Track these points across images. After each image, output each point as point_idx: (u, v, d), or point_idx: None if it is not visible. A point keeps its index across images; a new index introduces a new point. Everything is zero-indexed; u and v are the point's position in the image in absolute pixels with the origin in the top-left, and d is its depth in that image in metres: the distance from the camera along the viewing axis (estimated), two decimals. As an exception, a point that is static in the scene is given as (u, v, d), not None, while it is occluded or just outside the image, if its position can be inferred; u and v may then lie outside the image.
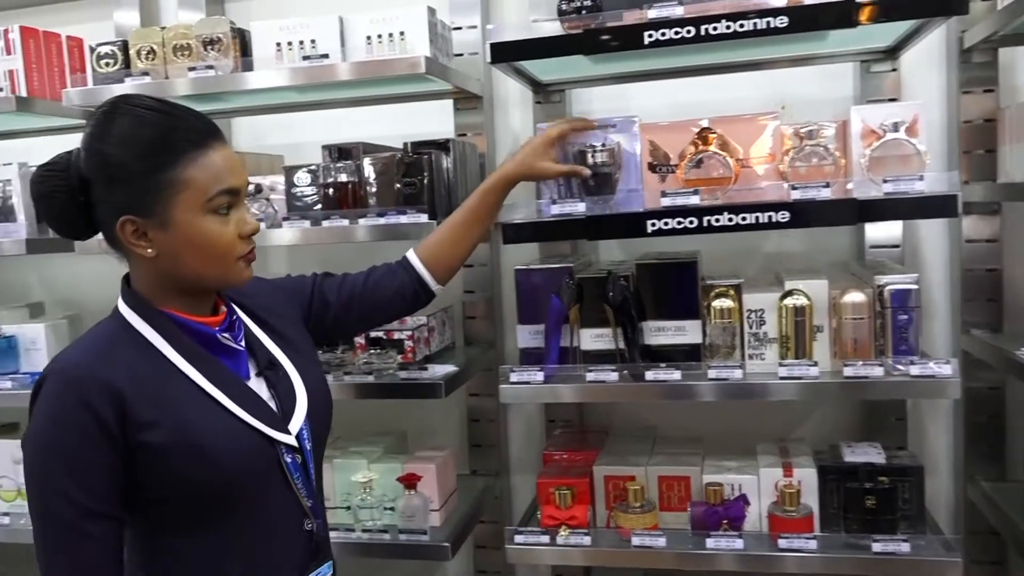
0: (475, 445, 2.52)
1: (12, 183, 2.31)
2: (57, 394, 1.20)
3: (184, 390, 1.26)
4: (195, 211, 1.24)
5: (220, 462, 1.25)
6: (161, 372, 1.26)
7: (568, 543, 1.95)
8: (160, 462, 1.22)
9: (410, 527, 2.06)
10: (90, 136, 1.25)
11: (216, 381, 1.28)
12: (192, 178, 1.23)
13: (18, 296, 2.90)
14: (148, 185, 1.22)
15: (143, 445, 1.21)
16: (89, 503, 1.19)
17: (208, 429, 1.25)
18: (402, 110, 2.54)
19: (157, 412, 1.22)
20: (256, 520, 1.31)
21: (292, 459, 1.33)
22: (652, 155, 1.97)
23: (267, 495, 1.31)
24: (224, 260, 1.28)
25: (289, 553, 1.35)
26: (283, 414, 1.36)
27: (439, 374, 2.06)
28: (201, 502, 1.26)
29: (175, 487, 1.24)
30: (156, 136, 1.23)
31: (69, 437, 1.19)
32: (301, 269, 2.70)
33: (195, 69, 2.14)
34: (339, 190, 2.10)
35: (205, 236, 1.25)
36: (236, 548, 1.30)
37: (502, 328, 2.53)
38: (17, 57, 2.32)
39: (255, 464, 1.29)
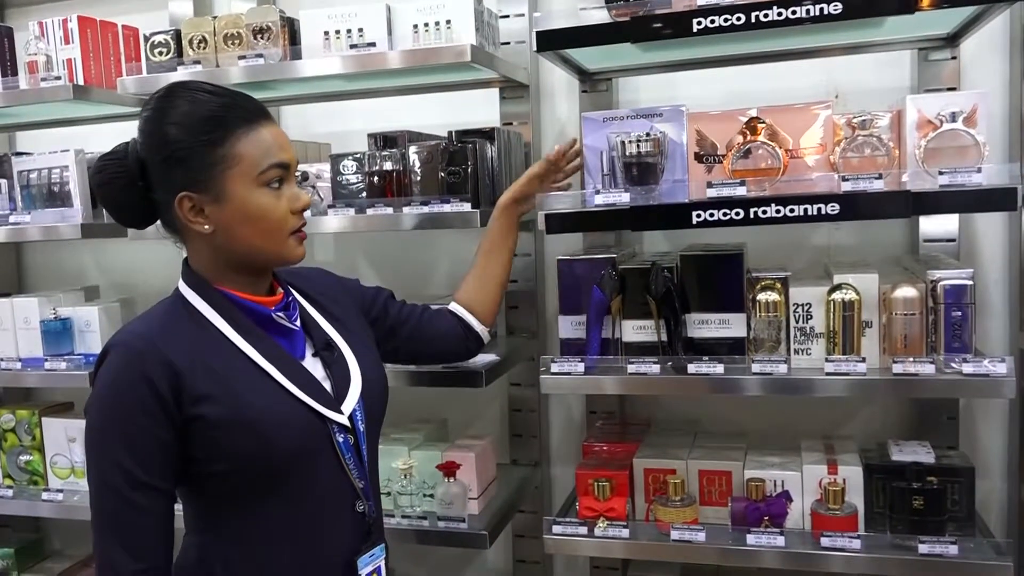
0: (516, 435, 2.53)
1: (69, 169, 2.37)
2: (117, 366, 1.25)
3: (239, 366, 1.30)
4: (248, 184, 1.28)
5: (271, 437, 1.28)
6: (217, 348, 1.30)
7: (606, 535, 1.94)
8: (213, 436, 1.25)
9: (448, 514, 2.07)
10: (147, 119, 1.31)
11: (270, 358, 1.32)
12: (244, 153, 1.28)
13: (74, 279, 2.98)
14: (203, 161, 1.27)
15: (197, 418, 1.25)
16: (140, 474, 1.23)
17: (261, 404, 1.28)
18: (448, 99, 2.55)
19: (212, 386, 1.26)
20: (307, 498, 1.33)
21: (344, 438, 1.35)
22: (699, 145, 1.94)
23: (318, 473, 1.33)
24: (277, 234, 1.32)
25: (340, 533, 1.36)
26: (337, 394, 1.38)
27: (480, 363, 2.06)
28: (253, 477, 1.29)
29: (228, 461, 1.27)
30: (209, 115, 1.28)
31: (126, 408, 1.23)
32: (347, 256, 2.75)
33: (245, 58, 2.17)
34: (384, 178, 2.11)
35: (258, 208, 1.29)
36: (288, 525, 1.32)
37: (544, 318, 2.52)
38: (75, 46, 2.38)
39: (306, 441, 1.31)
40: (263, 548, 1.32)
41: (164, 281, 2.84)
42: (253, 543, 1.32)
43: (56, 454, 2.48)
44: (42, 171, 2.41)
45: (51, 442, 2.48)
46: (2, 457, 2.52)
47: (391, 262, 2.69)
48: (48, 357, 2.38)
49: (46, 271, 3.07)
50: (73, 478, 2.46)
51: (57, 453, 2.48)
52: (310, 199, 1.37)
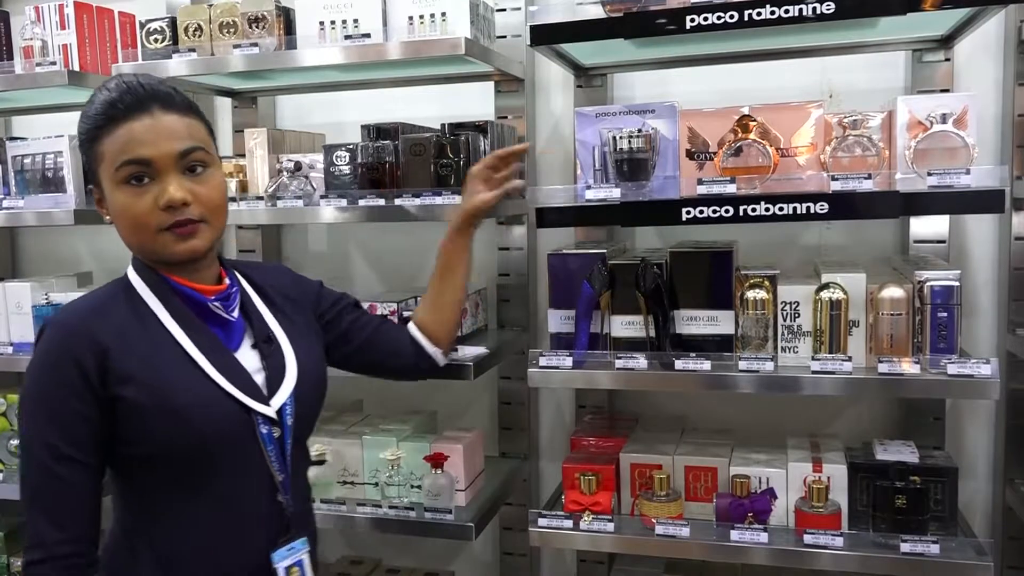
0: (505, 428, 2.54)
1: (63, 155, 2.37)
2: (50, 343, 1.29)
3: (167, 352, 1.32)
4: (110, 182, 1.30)
5: (192, 423, 1.29)
6: (149, 331, 1.32)
7: (591, 529, 1.95)
8: (135, 417, 1.28)
9: (435, 506, 2.08)
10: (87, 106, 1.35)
11: (200, 346, 1.34)
12: (107, 151, 1.29)
13: (68, 266, 2.99)
14: (88, 156, 1.33)
15: (120, 398, 1.27)
16: (64, 447, 1.26)
17: (184, 390, 1.30)
18: (443, 91, 2.55)
19: (138, 369, 1.29)
20: (227, 487, 1.35)
21: (268, 431, 1.37)
22: (691, 142, 1.94)
23: (239, 464, 1.35)
24: (142, 231, 1.31)
25: (258, 524, 1.38)
26: (270, 387, 1.40)
27: (469, 355, 2.07)
28: (175, 462, 1.31)
29: (149, 444, 1.30)
30: (94, 112, 1.31)
31: (53, 383, 1.27)
32: (340, 247, 2.76)
33: (240, 47, 2.17)
34: (376, 170, 2.11)
35: (119, 207, 1.31)
36: (206, 513, 1.35)
37: (535, 312, 2.52)
38: (71, 32, 2.38)
39: (228, 430, 1.33)
40: (183, 534, 1.34)
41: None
42: (173, 528, 1.34)
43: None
44: (36, 156, 2.41)
45: (41, 427, 2.48)
46: (-8, 441, 2.53)
47: (383, 253, 2.70)
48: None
49: (40, 256, 3.07)
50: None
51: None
52: (179, 197, 1.29)
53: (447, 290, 1.79)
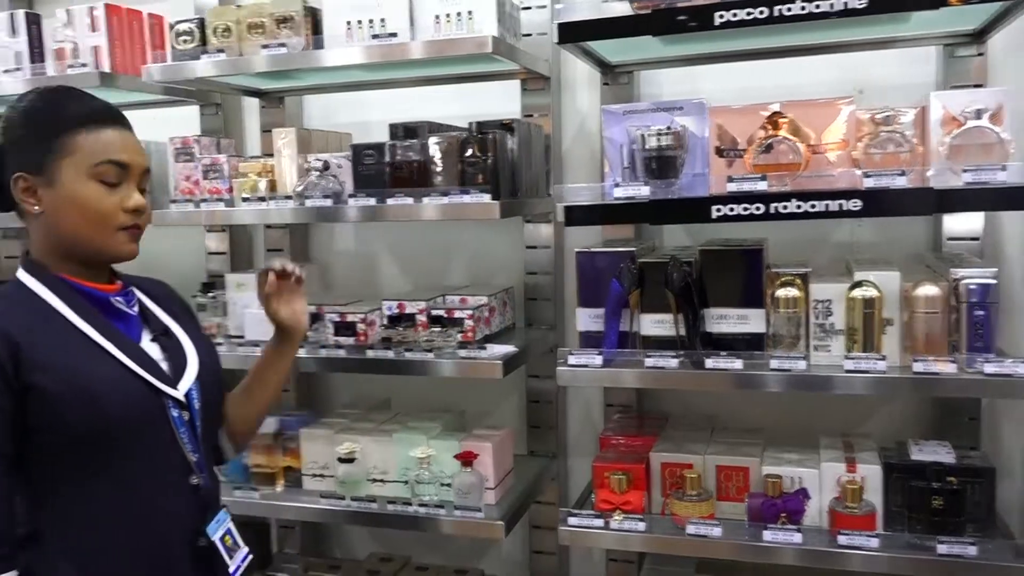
0: (533, 426, 2.53)
1: (94, 156, 2.39)
2: None
3: (76, 342, 1.35)
4: (79, 175, 1.36)
5: (106, 407, 1.33)
6: (55, 326, 1.35)
7: (622, 528, 1.94)
8: (49, 405, 1.30)
9: (465, 504, 2.08)
10: (11, 109, 1.41)
11: (107, 335, 1.38)
12: (82, 146, 1.36)
13: (99, 265, 3.02)
14: (45, 146, 1.36)
15: (34, 387, 1.29)
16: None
17: (96, 375, 1.34)
18: (469, 90, 2.55)
19: (49, 358, 1.31)
20: (140, 472, 1.37)
21: (179, 414, 1.42)
22: (720, 139, 1.93)
23: (152, 446, 1.39)
24: (102, 226, 1.37)
25: (177, 508, 1.41)
26: (174, 374, 1.44)
27: (498, 354, 2.07)
28: (87, 449, 1.33)
29: (63, 432, 1.31)
30: (54, 107, 1.39)
31: None
32: (367, 246, 2.77)
33: (268, 47, 2.18)
34: (404, 168, 2.11)
35: (85, 198, 1.36)
36: (122, 500, 1.36)
37: (563, 310, 2.52)
38: (101, 34, 2.40)
39: (141, 412, 1.37)
40: (98, 526, 1.35)
41: (184, 268, 2.89)
42: (88, 521, 1.35)
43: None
44: (68, 158, 2.43)
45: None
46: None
47: (410, 252, 2.71)
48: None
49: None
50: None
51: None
52: (144, 204, 1.40)
53: (261, 391, 1.67)
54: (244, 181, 2.27)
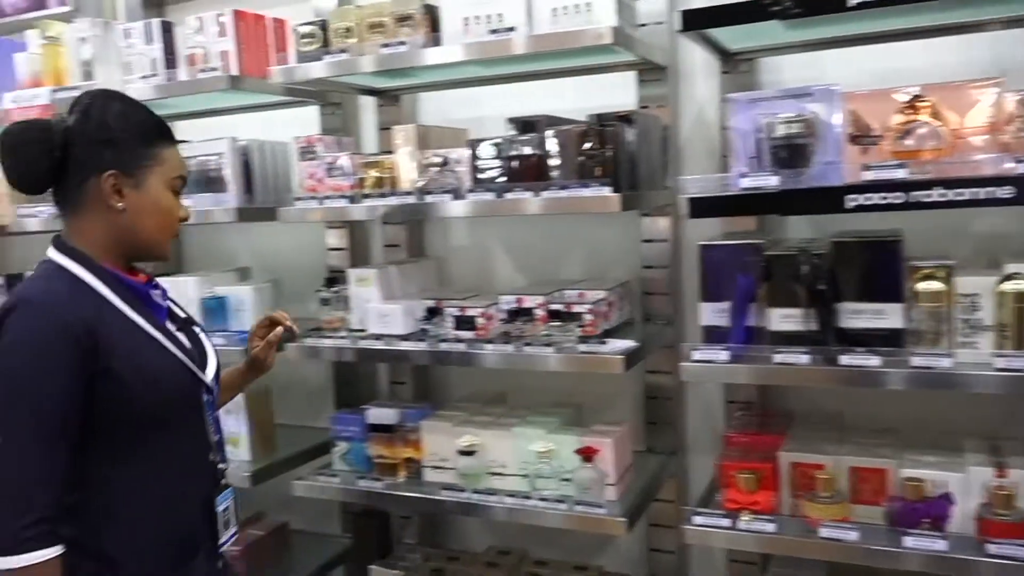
0: (650, 422, 2.50)
1: (224, 156, 2.50)
2: (38, 322, 1.40)
3: (130, 328, 1.48)
4: (162, 184, 1.54)
5: (165, 391, 1.49)
6: (111, 313, 1.47)
7: (750, 528, 1.89)
8: (118, 388, 1.43)
9: (586, 499, 2.07)
10: (90, 105, 1.50)
11: (152, 324, 1.52)
12: (168, 159, 1.55)
13: (226, 261, 3.15)
14: (138, 151, 1.51)
15: (107, 371, 1.42)
16: (55, 417, 1.38)
17: (154, 361, 1.49)
18: (583, 83, 2.52)
19: (116, 344, 1.44)
20: (176, 450, 1.53)
21: (208, 398, 1.59)
22: (853, 125, 1.84)
23: (187, 428, 1.56)
24: (168, 230, 1.57)
25: (198, 480, 1.58)
26: (200, 363, 1.60)
27: (619, 349, 2.04)
28: (137, 429, 1.47)
29: (125, 412, 1.45)
30: (147, 119, 1.54)
31: (51, 361, 1.38)
32: (481, 241, 2.79)
33: (388, 45, 2.22)
34: (523, 163, 2.11)
35: (165, 206, 1.55)
36: (158, 476, 1.51)
37: (681, 304, 2.47)
38: (230, 39, 2.49)
39: (186, 396, 1.54)
40: (136, 499, 1.48)
41: (307, 261, 2.98)
42: (127, 494, 1.48)
43: (212, 426, 2.63)
44: (199, 158, 2.54)
45: (208, 414, 2.63)
46: (164, 427, 2.70)
47: (524, 246, 2.71)
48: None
49: (201, 253, 3.26)
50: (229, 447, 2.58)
51: (213, 425, 2.63)
52: (190, 215, 1.64)
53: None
54: (365, 178, 2.32)
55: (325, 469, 2.49)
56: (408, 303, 2.35)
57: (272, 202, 2.63)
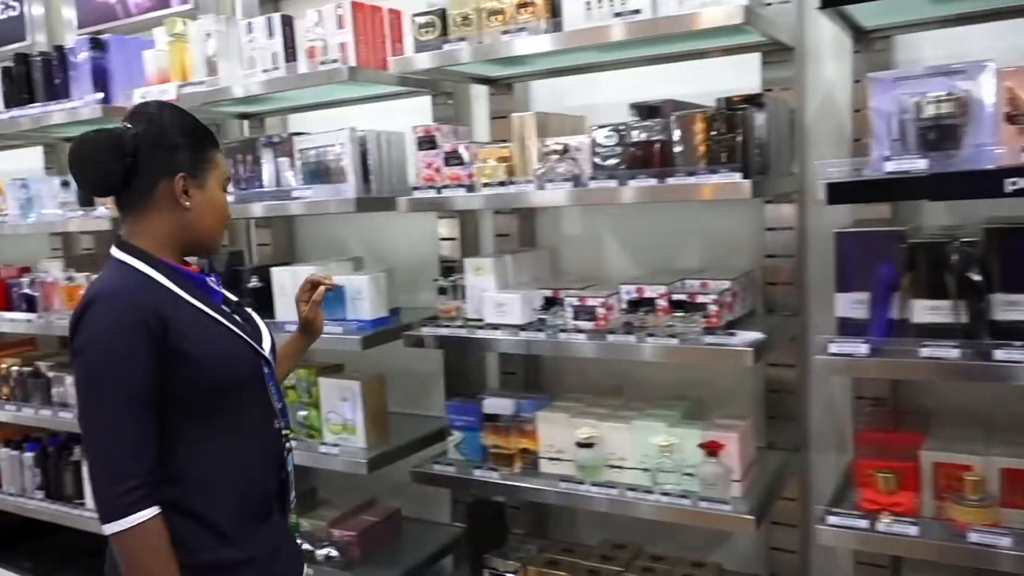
0: (771, 417, 2.41)
1: (345, 146, 2.53)
2: (115, 312, 1.55)
3: (195, 314, 1.64)
4: (218, 183, 1.72)
5: (234, 366, 1.66)
6: (174, 301, 1.62)
7: (890, 531, 1.79)
8: (190, 366, 1.58)
9: (711, 495, 2.01)
10: (159, 115, 1.66)
11: (213, 308, 1.68)
12: (220, 162, 1.73)
13: (335, 251, 3.21)
14: (200, 155, 1.68)
15: (180, 352, 1.57)
16: (140, 395, 1.54)
17: (219, 338, 1.65)
18: (701, 67, 2.45)
19: (184, 327, 1.59)
20: (247, 418, 1.69)
21: (269, 371, 1.75)
22: (1011, 104, 1.72)
23: (255, 398, 1.71)
24: (223, 223, 1.76)
25: (269, 443, 1.74)
26: (256, 340, 1.75)
27: (748, 340, 1.97)
28: (212, 402, 1.62)
29: (199, 387, 1.60)
30: (205, 127, 1.72)
31: (129, 343, 1.54)
32: (593, 230, 2.75)
33: (508, 32, 2.19)
34: (646, 148, 2.06)
35: (222, 203, 1.75)
36: (234, 442, 1.66)
37: (806, 295, 2.38)
38: (348, 31, 2.51)
39: (251, 370, 1.70)
40: (218, 464, 1.63)
41: (418, 252, 3.01)
42: (210, 461, 1.63)
43: (330, 412, 2.68)
44: (320, 149, 2.59)
45: (327, 400, 2.68)
46: (284, 412, 2.77)
47: (638, 235, 2.65)
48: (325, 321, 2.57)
49: (312, 243, 3.32)
50: (345, 434, 2.65)
51: (331, 411, 2.67)
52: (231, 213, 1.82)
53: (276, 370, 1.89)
54: (483, 167, 2.30)
55: (440, 458, 2.50)
56: (526, 292, 2.33)
57: (388, 192, 2.65)
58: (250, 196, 2.71)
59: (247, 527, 1.65)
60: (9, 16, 4.05)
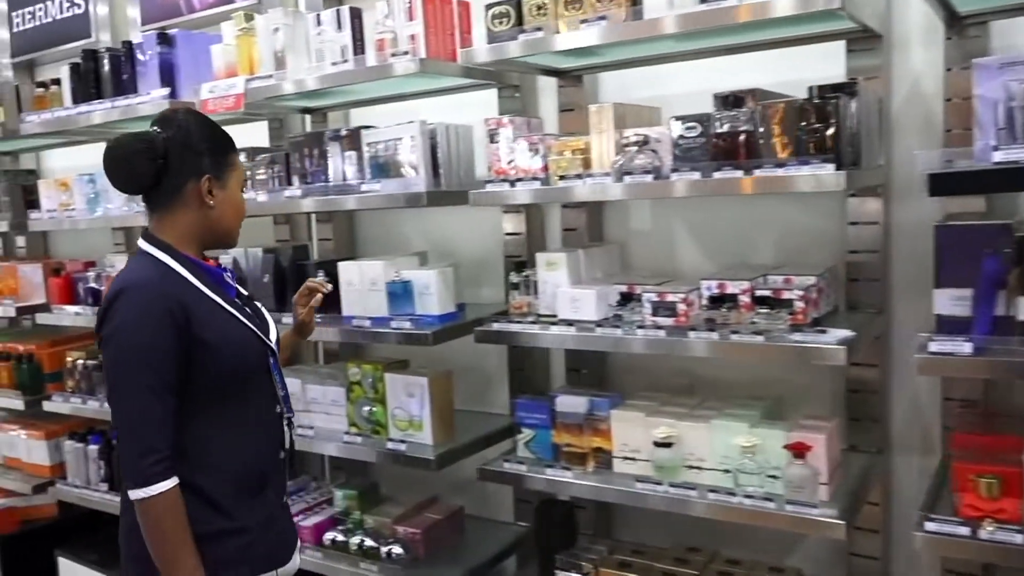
0: (853, 418, 2.33)
1: (415, 139, 2.50)
2: (144, 302, 1.71)
3: (212, 305, 1.80)
4: (237, 184, 1.90)
5: (247, 355, 1.83)
6: (194, 293, 1.78)
7: (993, 538, 1.71)
8: (209, 353, 1.74)
9: (798, 498, 1.94)
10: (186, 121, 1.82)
11: (227, 301, 1.84)
12: (238, 164, 1.91)
13: (397, 246, 3.18)
14: (223, 158, 1.85)
15: (201, 340, 1.73)
16: (164, 378, 1.70)
17: (233, 329, 1.81)
18: (779, 56, 2.37)
19: (204, 318, 1.76)
20: (254, 403, 1.87)
21: (274, 361, 1.92)
22: None
23: (261, 384, 1.89)
24: (240, 220, 1.93)
25: (272, 428, 1.93)
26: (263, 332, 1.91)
27: (839, 338, 1.90)
28: (225, 387, 1.79)
29: (215, 372, 1.76)
30: (224, 132, 1.89)
31: (155, 330, 1.69)
32: (666, 225, 2.68)
33: (587, 21, 2.14)
34: (731, 139, 1.99)
35: (241, 202, 1.93)
36: (241, 424, 1.83)
37: (890, 292, 2.29)
38: (418, 22, 2.48)
39: (260, 359, 1.87)
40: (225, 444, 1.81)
41: (480, 246, 2.97)
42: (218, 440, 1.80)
43: (396, 407, 2.65)
44: (388, 143, 2.56)
45: (392, 395, 2.65)
46: (350, 407, 2.75)
47: (709, 229, 2.58)
48: (393, 316, 2.55)
49: (374, 238, 3.30)
50: (411, 430, 2.62)
51: (397, 407, 2.65)
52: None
53: None
54: (558, 159, 2.26)
55: (509, 456, 2.46)
56: (601, 288, 2.28)
57: (456, 186, 2.62)
58: (316, 190, 2.70)
59: (240, 500, 1.81)
60: (74, 14, 4.10)
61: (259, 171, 2.91)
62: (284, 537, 1.93)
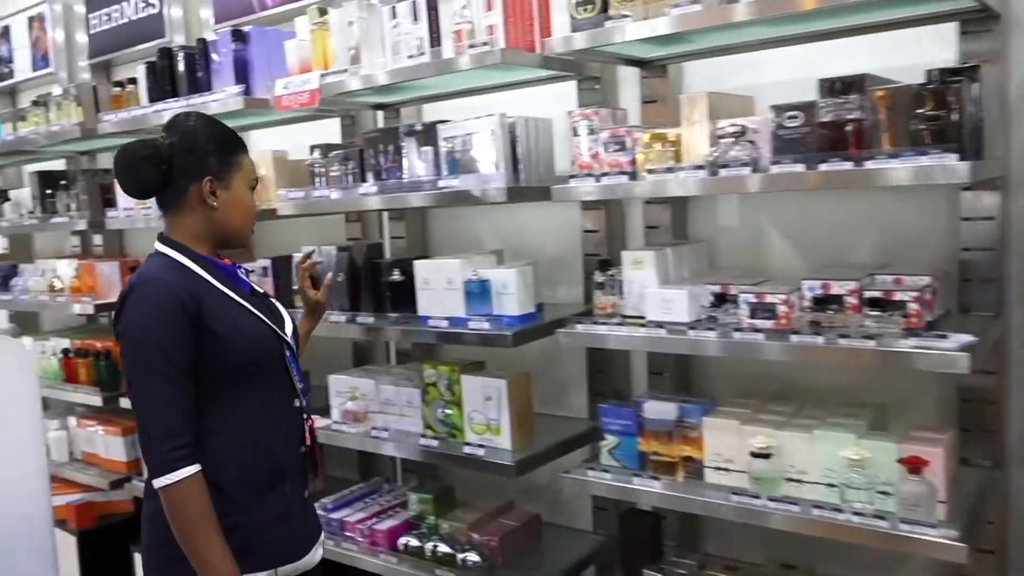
0: (964, 429, 2.16)
1: (495, 133, 2.41)
2: (157, 295, 1.77)
3: (226, 300, 1.85)
4: (244, 185, 1.93)
5: (258, 347, 1.87)
6: (208, 289, 1.83)
7: None
8: (220, 345, 1.79)
9: (913, 517, 1.79)
10: (189, 126, 1.88)
11: (241, 296, 1.89)
12: (245, 163, 1.94)
13: (468, 244, 3.10)
14: (227, 159, 1.89)
15: (212, 332, 1.78)
16: (181, 368, 1.74)
17: (246, 322, 1.86)
18: (879, 40, 2.21)
19: (217, 311, 1.81)
20: (270, 394, 1.90)
21: (291, 354, 1.95)
22: None
23: (277, 377, 1.91)
24: (251, 222, 1.97)
25: (290, 418, 1.94)
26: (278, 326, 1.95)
27: (961, 343, 1.74)
28: (239, 378, 1.83)
29: (227, 364, 1.80)
30: (231, 133, 1.93)
31: (169, 322, 1.74)
32: (754, 221, 2.54)
33: (679, 6, 2.02)
34: (839, 129, 1.85)
35: (249, 202, 1.96)
36: (258, 416, 1.86)
37: (1008, 293, 2.12)
38: (497, 12, 2.39)
39: (273, 351, 1.90)
40: (241, 435, 1.84)
41: (556, 244, 2.86)
42: (235, 431, 1.83)
43: (473, 410, 2.57)
44: (465, 137, 2.48)
45: (469, 398, 2.57)
46: (426, 409, 2.68)
47: (802, 226, 2.43)
48: (471, 317, 2.47)
49: (447, 236, 3.23)
50: (488, 434, 2.54)
51: (474, 410, 2.56)
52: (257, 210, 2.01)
53: None
54: (647, 152, 2.14)
55: (593, 463, 2.35)
56: (692, 288, 2.16)
57: (535, 181, 2.52)
58: (391, 187, 2.63)
59: (252, 493, 1.83)
60: (149, 15, 4.13)
61: (332, 168, 2.86)
62: (301, 532, 1.93)
